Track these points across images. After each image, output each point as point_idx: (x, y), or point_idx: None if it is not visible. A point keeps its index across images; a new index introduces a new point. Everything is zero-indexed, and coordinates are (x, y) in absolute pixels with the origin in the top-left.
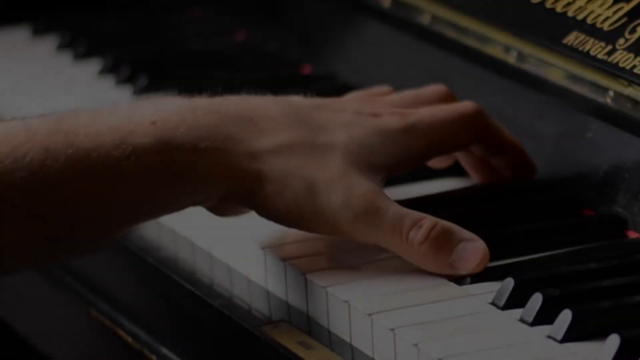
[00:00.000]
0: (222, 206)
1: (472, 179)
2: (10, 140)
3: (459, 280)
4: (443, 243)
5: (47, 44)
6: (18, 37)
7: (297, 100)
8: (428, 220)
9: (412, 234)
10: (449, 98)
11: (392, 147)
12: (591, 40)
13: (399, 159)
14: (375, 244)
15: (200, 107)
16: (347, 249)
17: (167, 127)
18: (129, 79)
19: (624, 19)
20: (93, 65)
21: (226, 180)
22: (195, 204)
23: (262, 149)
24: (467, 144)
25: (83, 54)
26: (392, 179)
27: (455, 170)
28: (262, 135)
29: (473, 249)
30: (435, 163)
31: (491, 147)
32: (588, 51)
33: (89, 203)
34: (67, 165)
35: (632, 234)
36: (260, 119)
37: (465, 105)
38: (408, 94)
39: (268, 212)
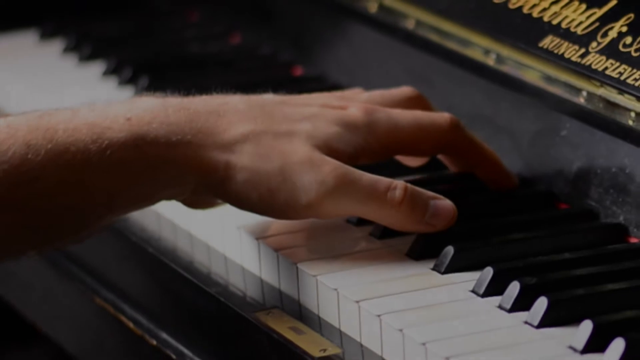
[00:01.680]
0: (196, 199)
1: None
2: None
3: (413, 254)
4: (417, 201)
5: (54, 48)
6: (26, 41)
7: (265, 96)
8: (399, 182)
9: (390, 195)
10: (417, 98)
11: (352, 137)
12: (565, 44)
13: (358, 150)
14: (351, 214)
15: (171, 105)
16: (336, 240)
17: (140, 123)
18: (131, 80)
19: (597, 24)
20: (97, 67)
21: (198, 171)
22: (169, 197)
23: (230, 140)
24: (430, 152)
25: (87, 57)
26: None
27: (432, 165)
28: (230, 127)
29: (445, 206)
30: (408, 161)
31: (466, 161)
32: (563, 54)
33: (68, 195)
34: (47, 159)
35: None
36: (227, 113)
37: (440, 116)
38: (377, 93)
39: (241, 201)
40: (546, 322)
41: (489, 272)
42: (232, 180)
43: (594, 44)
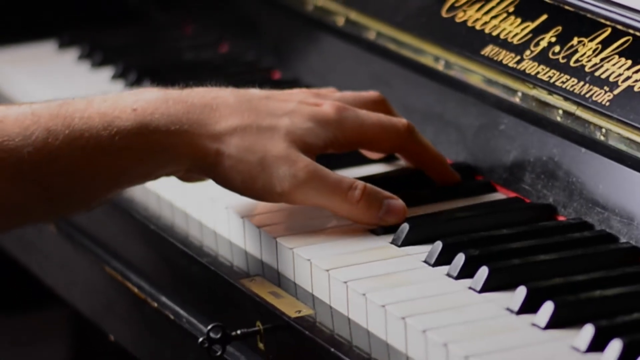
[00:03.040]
0: (189, 176)
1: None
2: (20, 123)
3: (376, 230)
4: (373, 200)
5: (70, 55)
6: (47, 50)
7: (252, 91)
8: (359, 183)
9: (351, 193)
10: (382, 102)
11: (323, 132)
12: (503, 52)
13: (327, 143)
14: (317, 205)
15: (171, 98)
16: (310, 219)
17: (145, 113)
18: (136, 83)
19: (530, 35)
20: (107, 72)
21: (192, 156)
22: (166, 175)
23: (220, 131)
24: (388, 150)
25: (99, 63)
26: (336, 163)
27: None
28: (221, 120)
29: (397, 205)
30: (369, 155)
31: (417, 161)
32: (501, 60)
33: (82, 172)
34: (65, 143)
35: None
36: (219, 106)
37: (398, 121)
38: (349, 94)
39: (226, 183)
40: (487, 287)
41: (438, 245)
42: (220, 166)
43: (527, 52)
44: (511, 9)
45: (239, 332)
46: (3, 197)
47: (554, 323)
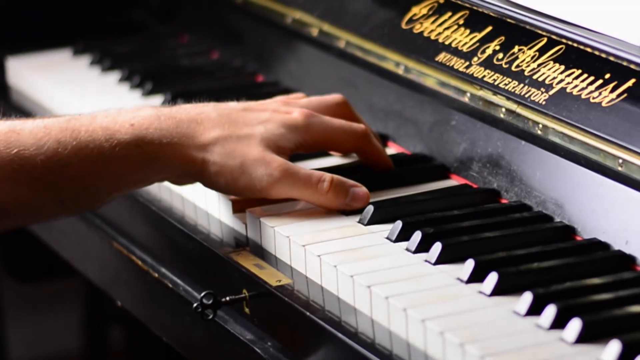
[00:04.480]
0: (180, 180)
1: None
2: (34, 135)
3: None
4: (340, 189)
5: (83, 62)
6: (62, 57)
7: (231, 104)
8: (327, 175)
9: (320, 185)
10: (344, 104)
11: (293, 136)
12: (455, 58)
13: (297, 146)
14: (292, 197)
15: (163, 114)
16: (289, 202)
17: (141, 128)
18: (139, 85)
19: (477, 44)
20: (114, 76)
21: (182, 165)
22: (160, 180)
23: (205, 142)
24: (348, 151)
25: (108, 68)
26: (303, 156)
27: None
28: (205, 132)
29: (361, 192)
30: (333, 155)
31: (367, 159)
32: (452, 66)
33: (87, 178)
34: (72, 153)
35: None
36: (203, 121)
37: (357, 126)
38: (314, 99)
39: (213, 185)
40: (440, 260)
41: (398, 224)
42: (206, 172)
43: (475, 59)
44: (461, 22)
45: (227, 298)
46: (19, 199)
47: (498, 291)
